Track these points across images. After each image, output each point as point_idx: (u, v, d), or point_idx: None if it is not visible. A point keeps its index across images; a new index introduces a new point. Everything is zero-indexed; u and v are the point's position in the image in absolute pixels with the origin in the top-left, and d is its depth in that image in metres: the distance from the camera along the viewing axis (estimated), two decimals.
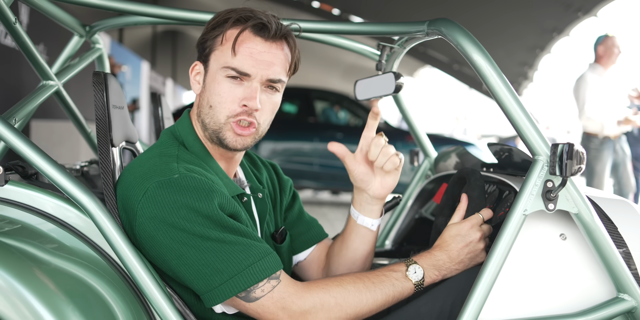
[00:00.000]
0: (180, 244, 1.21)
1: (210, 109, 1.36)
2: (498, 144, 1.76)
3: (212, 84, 1.35)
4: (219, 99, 1.34)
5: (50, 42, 5.79)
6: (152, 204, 1.22)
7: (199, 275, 1.22)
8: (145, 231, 1.24)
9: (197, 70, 1.41)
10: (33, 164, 1.25)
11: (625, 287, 1.37)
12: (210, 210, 1.23)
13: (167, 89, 16.19)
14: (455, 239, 1.42)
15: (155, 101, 2.22)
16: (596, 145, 5.11)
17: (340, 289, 1.29)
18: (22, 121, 1.62)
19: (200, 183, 1.25)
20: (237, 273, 1.22)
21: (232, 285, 1.22)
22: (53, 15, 1.78)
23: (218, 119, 1.35)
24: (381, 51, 1.88)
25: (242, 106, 1.34)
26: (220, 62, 1.34)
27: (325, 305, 1.27)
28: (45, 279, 1.15)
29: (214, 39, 1.36)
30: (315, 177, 8.56)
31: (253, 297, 1.24)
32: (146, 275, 1.23)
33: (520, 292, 1.36)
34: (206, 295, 1.23)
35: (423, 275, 1.36)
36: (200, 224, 1.22)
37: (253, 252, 1.24)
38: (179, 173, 1.26)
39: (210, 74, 1.36)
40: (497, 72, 1.31)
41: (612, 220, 1.45)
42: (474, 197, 1.50)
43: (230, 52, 1.33)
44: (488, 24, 9.91)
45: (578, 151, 1.26)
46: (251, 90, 1.34)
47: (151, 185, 1.24)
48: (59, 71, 1.89)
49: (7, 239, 1.20)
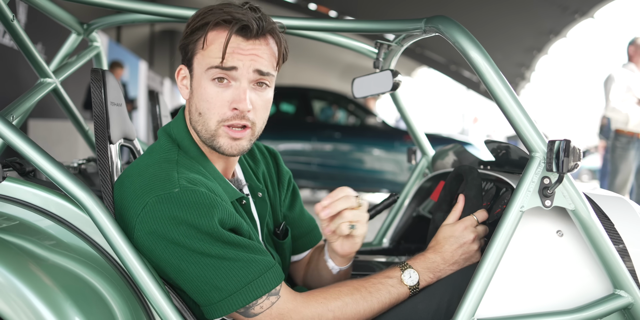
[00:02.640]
0: (179, 259, 1.21)
1: (200, 116, 1.31)
2: (495, 142, 1.76)
3: (199, 89, 1.31)
4: (207, 105, 1.30)
5: (48, 42, 5.79)
6: (151, 219, 1.21)
7: (198, 290, 1.23)
8: (143, 245, 1.23)
9: (182, 74, 1.37)
10: (31, 160, 1.25)
11: (621, 283, 1.38)
12: (210, 227, 1.21)
13: (165, 88, 16.18)
14: (449, 241, 1.41)
15: (153, 99, 2.22)
16: (623, 144, 5.12)
17: (339, 303, 1.30)
18: (20, 118, 1.62)
19: (201, 198, 1.22)
20: (236, 291, 1.22)
21: (230, 303, 1.22)
22: (51, 13, 1.78)
23: (209, 126, 1.31)
24: (379, 49, 1.88)
25: (233, 110, 1.29)
26: (204, 65, 1.30)
27: (324, 319, 1.28)
28: (44, 275, 1.15)
29: (195, 43, 1.31)
30: (313, 176, 8.56)
31: (252, 313, 1.25)
32: (144, 272, 1.23)
33: (517, 289, 1.36)
34: (205, 308, 1.25)
35: (418, 280, 1.37)
36: (200, 240, 1.20)
37: (253, 268, 1.23)
38: (179, 186, 1.23)
39: (196, 78, 1.32)
40: (495, 69, 1.31)
41: (609, 216, 1.46)
42: (471, 197, 1.50)
43: (214, 54, 1.28)
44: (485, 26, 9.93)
45: (575, 148, 1.26)
46: (239, 92, 1.28)
47: (151, 200, 1.21)
48: (56, 69, 1.89)
49: (5, 235, 1.20)
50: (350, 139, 8.61)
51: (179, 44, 1.36)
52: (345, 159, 8.58)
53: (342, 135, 8.56)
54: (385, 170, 8.48)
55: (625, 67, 5.34)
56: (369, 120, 8.77)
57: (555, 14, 9.34)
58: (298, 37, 1.85)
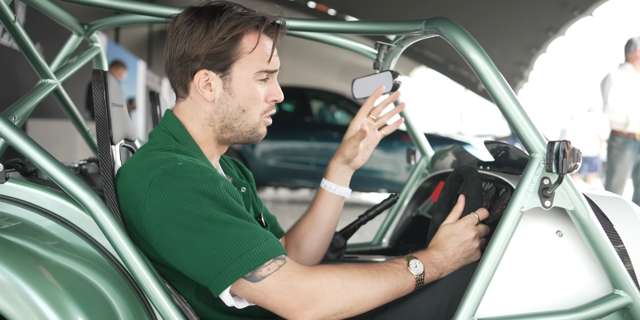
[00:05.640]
0: (187, 228, 1.22)
1: (244, 113, 1.41)
2: (495, 142, 1.77)
3: (245, 89, 1.40)
4: (254, 101, 1.41)
5: (47, 43, 5.78)
6: (158, 191, 1.24)
7: (206, 259, 1.21)
8: (153, 220, 1.24)
9: (205, 78, 1.39)
10: (33, 161, 1.25)
11: (620, 283, 1.39)
12: (216, 191, 1.25)
13: (164, 88, 16.17)
14: (450, 239, 1.42)
15: (154, 100, 2.22)
16: (619, 144, 5.10)
17: (346, 272, 1.29)
18: (21, 119, 1.62)
19: (203, 168, 1.28)
20: (245, 252, 1.21)
21: (240, 264, 1.20)
22: (52, 13, 1.78)
23: (253, 120, 1.43)
24: (378, 50, 1.89)
25: (272, 101, 1.44)
26: (251, 69, 1.39)
27: (332, 284, 1.26)
28: (46, 275, 1.15)
29: (234, 48, 1.37)
30: (311, 176, 8.57)
31: (259, 276, 1.22)
32: (146, 271, 1.24)
33: (517, 289, 1.37)
34: (215, 280, 1.22)
35: (423, 271, 1.37)
36: (207, 206, 1.23)
37: (258, 234, 1.25)
38: (182, 161, 1.28)
39: (240, 80, 1.39)
40: (494, 70, 1.32)
41: (608, 217, 1.47)
42: (471, 197, 1.51)
43: (261, 58, 1.39)
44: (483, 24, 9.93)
45: (574, 148, 1.27)
46: (276, 85, 1.45)
47: (156, 174, 1.25)
48: (57, 70, 1.89)
49: (8, 235, 1.21)
50: None
51: (204, 50, 1.35)
52: None
53: (340, 135, 8.57)
54: (384, 170, 8.49)
55: (622, 68, 5.31)
56: None
57: (554, 11, 9.34)
58: (297, 37, 1.86)
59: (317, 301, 1.24)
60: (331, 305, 1.25)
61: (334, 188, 1.72)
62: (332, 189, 1.72)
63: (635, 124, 5.07)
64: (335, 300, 1.25)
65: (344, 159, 1.71)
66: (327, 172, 1.74)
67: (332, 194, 1.73)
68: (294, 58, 15.49)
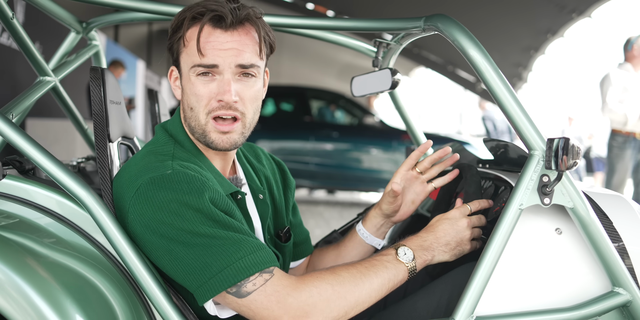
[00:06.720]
0: (169, 240, 1.20)
1: (192, 111, 1.35)
2: (494, 140, 1.77)
3: (187, 85, 1.34)
4: (196, 98, 1.33)
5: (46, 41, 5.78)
6: (143, 200, 1.21)
7: (188, 271, 1.20)
8: (136, 228, 1.23)
9: (174, 75, 1.40)
10: (31, 158, 1.25)
11: (620, 281, 1.38)
12: (200, 204, 1.21)
13: (163, 87, 16.17)
14: (442, 222, 1.43)
15: (152, 98, 2.22)
16: (619, 143, 5.11)
17: (335, 277, 1.26)
18: (20, 116, 1.62)
19: (192, 178, 1.24)
20: (226, 266, 1.18)
21: (221, 279, 1.18)
22: (50, 11, 1.78)
23: (199, 120, 1.34)
24: (377, 48, 1.88)
25: (219, 101, 1.32)
26: (188, 63, 1.33)
27: (323, 293, 1.23)
28: (44, 272, 1.15)
29: (178, 42, 1.35)
30: (311, 176, 8.57)
31: (244, 292, 1.19)
32: (144, 269, 1.23)
33: (516, 287, 1.37)
34: (197, 291, 1.20)
35: (414, 256, 1.35)
36: (190, 219, 1.19)
37: (244, 246, 1.21)
38: (172, 169, 1.25)
39: (184, 77, 1.36)
40: (494, 67, 1.32)
41: (608, 215, 1.46)
42: (470, 192, 1.51)
43: (194, 52, 1.30)
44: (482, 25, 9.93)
45: (574, 146, 1.27)
46: (223, 83, 1.31)
47: (143, 182, 1.23)
48: (55, 67, 1.89)
49: (5, 232, 1.21)
50: (348, 138, 8.63)
51: (167, 46, 1.39)
52: (343, 159, 8.59)
53: (339, 135, 8.58)
54: (383, 169, 8.49)
55: (621, 68, 5.31)
56: (367, 119, 8.79)
57: (553, 13, 9.33)
58: (296, 36, 1.85)
59: (310, 313, 1.21)
60: (324, 315, 1.22)
61: (367, 236, 1.65)
62: (365, 237, 1.65)
63: (634, 123, 5.07)
64: (329, 308, 1.23)
65: (381, 212, 1.63)
66: (365, 216, 1.67)
67: (363, 241, 1.65)
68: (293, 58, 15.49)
